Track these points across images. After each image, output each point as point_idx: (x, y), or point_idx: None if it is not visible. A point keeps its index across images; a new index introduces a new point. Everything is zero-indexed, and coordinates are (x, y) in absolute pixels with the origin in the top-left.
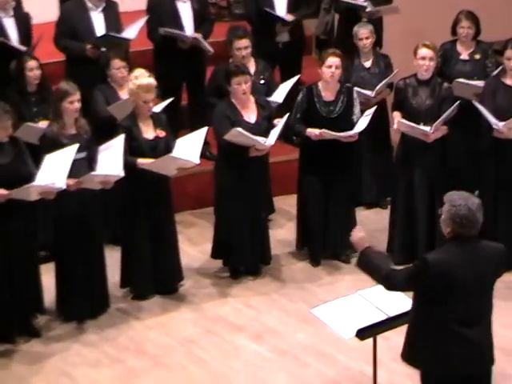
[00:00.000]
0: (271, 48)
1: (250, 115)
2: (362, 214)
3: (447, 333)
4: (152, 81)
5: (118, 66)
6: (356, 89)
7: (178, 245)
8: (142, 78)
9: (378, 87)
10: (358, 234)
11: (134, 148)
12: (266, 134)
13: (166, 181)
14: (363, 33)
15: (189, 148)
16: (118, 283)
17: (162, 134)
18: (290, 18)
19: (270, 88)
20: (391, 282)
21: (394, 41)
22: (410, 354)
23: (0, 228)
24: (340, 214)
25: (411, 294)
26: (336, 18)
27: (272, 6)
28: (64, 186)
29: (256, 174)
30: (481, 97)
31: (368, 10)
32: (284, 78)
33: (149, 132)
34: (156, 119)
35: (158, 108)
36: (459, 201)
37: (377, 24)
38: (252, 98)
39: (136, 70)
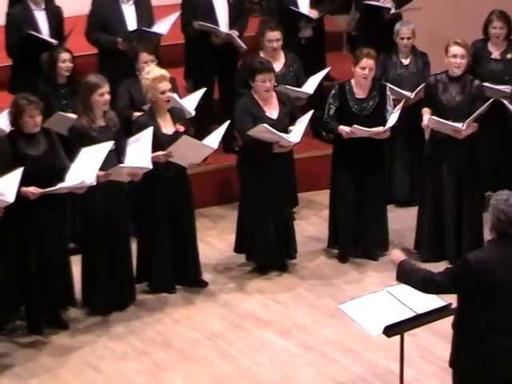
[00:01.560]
0: (294, 44)
1: (272, 111)
2: (393, 212)
3: (485, 337)
4: (164, 72)
5: (145, 59)
6: (395, 88)
7: (196, 240)
8: (154, 71)
9: (418, 88)
10: (394, 253)
11: (155, 144)
12: (288, 130)
13: (185, 176)
14: (406, 32)
15: (209, 136)
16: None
17: (181, 128)
18: (314, 14)
19: (299, 80)
20: (431, 285)
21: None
22: (454, 359)
23: (30, 220)
24: (372, 212)
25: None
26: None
27: (295, 3)
28: (94, 183)
29: (279, 169)
30: (510, 97)
31: (392, 11)
32: (308, 74)
33: (168, 127)
34: (174, 114)
35: (192, 101)
36: (501, 195)
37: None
38: (274, 94)
39: (146, 68)
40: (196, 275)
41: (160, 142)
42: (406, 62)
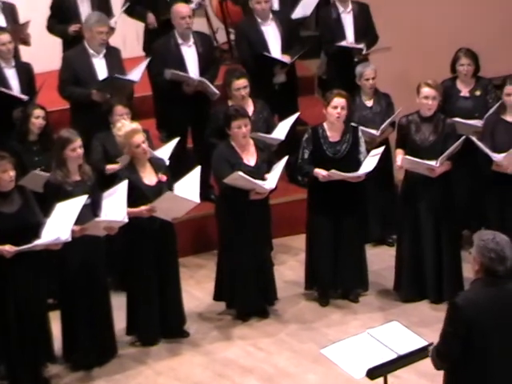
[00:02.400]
0: (268, 90)
1: (250, 158)
2: (368, 252)
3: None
4: (135, 125)
5: (120, 112)
6: (361, 128)
7: (181, 289)
8: (124, 126)
9: (383, 126)
10: None
11: (139, 196)
12: (264, 177)
13: (171, 225)
14: (369, 73)
15: (187, 189)
16: (125, 330)
17: (163, 178)
18: (287, 59)
19: (269, 126)
20: (439, 358)
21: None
22: None
23: (7, 277)
24: (350, 253)
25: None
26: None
27: (266, 48)
28: (69, 239)
29: (257, 215)
30: (480, 134)
31: (364, 52)
32: (282, 119)
33: (150, 177)
34: (155, 164)
35: (166, 151)
36: (487, 235)
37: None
38: (251, 141)
39: (117, 124)
40: (180, 325)
41: (143, 193)
42: (369, 103)
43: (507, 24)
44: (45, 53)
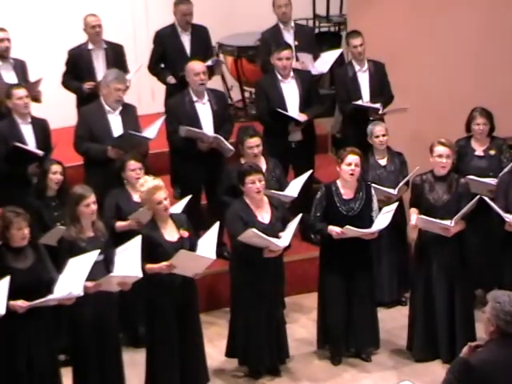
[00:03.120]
0: (284, 148)
1: (264, 215)
2: (381, 311)
3: None
4: (158, 182)
5: (133, 167)
6: (377, 187)
7: (203, 347)
8: (148, 182)
9: (400, 185)
10: None
11: (161, 253)
12: (279, 235)
13: (192, 282)
14: (380, 130)
15: (205, 245)
16: None
17: (185, 234)
18: (302, 117)
19: (282, 185)
20: None
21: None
22: None
23: (20, 333)
24: (362, 311)
25: None
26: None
27: (284, 106)
28: (82, 293)
29: (271, 273)
30: (494, 194)
31: (380, 112)
32: (297, 177)
33: (172, 234)
34: (176, 220)
35: (179, 208)
36: (503, 297)
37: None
38: (265, 199)
39: (140, 180)
40: (202, 381)
41: (165, 250)
42: (383, 162)
43: None
44: (60, 109)
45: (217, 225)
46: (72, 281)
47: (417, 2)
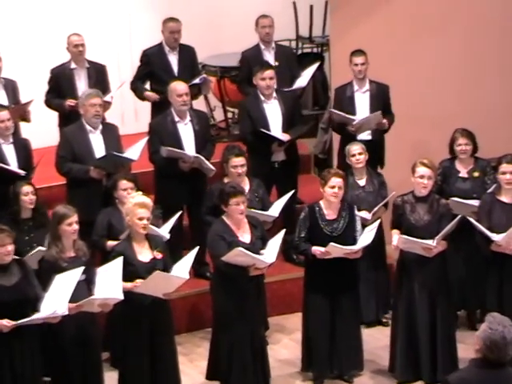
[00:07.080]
0: (267, 168)
1: (245, 235)
2: (363, 332)
3: None
4: (148, 201)
5: (124, 186)
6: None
7: (178, 367)
8: (138, 197)
9: (375, 209)
10: None
11: (131, 272)
12: (260, 253)
13: (164, 302)
14: (355, 149)
15: (180, 267)
16: None
17: (158, 255)
18: (286, 137)
19: (265, 205)
20: None
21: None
22: None
23: (3, 352)
24: (347, 333)
25: None
26: (336, 139)
27: (267, 126)
28: (66, 312)
29: (253, 293)
30: (477, 215)
31: (355, 122)
32: (281, 197)
33: (145, 254)
34: (152, 241)
35: (166, 229)
36: (497, 326)
37: (376, 144)
38: (245, 219)
39: (132, 194)
40: None
41: (136, 269)
42: (362, 182)
43: (504, 105)
44: (44, 128)
45: (196, 249)
46: (57, 299)
47: (399, 24)
